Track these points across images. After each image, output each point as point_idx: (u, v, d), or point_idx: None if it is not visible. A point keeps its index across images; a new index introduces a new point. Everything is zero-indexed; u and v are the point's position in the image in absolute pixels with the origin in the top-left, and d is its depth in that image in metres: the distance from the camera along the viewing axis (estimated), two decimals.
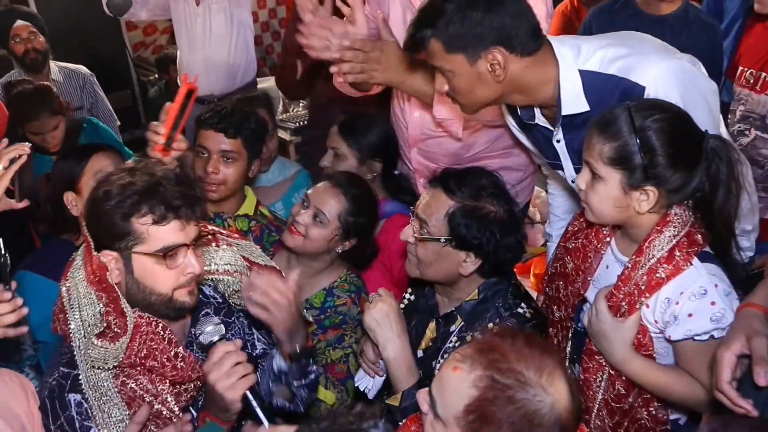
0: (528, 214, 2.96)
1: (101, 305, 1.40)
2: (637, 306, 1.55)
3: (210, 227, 1.63)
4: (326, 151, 2.46)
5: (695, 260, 1.50)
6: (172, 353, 1.44)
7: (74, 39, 4.41)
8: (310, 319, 1.86)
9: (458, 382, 1.16)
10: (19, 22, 3.56)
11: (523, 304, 1.76)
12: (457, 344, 1.69)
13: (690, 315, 1.48)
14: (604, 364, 1.65)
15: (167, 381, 1.45)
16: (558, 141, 1.80)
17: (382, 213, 2.29)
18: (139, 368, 1.43)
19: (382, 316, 1.68)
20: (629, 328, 1.56)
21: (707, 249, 1.54)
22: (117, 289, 1.40)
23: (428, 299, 1.87)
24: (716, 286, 1.48)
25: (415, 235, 1.72)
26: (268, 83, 4.35)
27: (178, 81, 4.07)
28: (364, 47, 1.99)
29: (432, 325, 1.82)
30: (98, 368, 1.39)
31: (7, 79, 3.65)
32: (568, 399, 1.14)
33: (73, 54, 3.98)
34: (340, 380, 1.95)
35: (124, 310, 1.39)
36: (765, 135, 2.28)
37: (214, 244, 1.62)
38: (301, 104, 4.33)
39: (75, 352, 1.39)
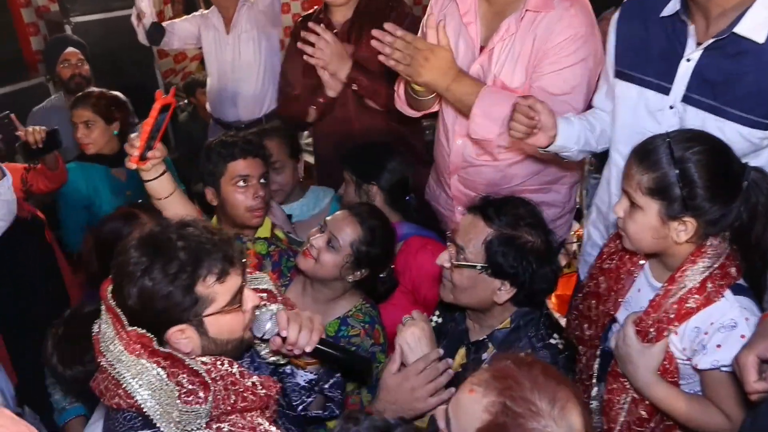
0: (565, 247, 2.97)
1: (159, 369, 1.32)
2: (665, 333, 1.56)
3: None
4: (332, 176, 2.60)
5: (727, 292, 1.51)
6: (249, 383, 1.41)
7: (108, 65, 4.55)
8: None
9: (472, 405, 1.18)
10: (70, 49, 3.80)
11: (555, 335, 1.77)
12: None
13: (718, 346, 1.49)
14: (628, 386, 1.66)
15: (256, 409, 1.43)
16: (689, 60, 1.70)
17: (398, 236, 2.32)
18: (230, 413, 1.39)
19: (414, 339, 1.67)
20: (655, 355, 1.58)
21: (741, 282, 1.54)
22: (172, 353, 1.34)
23: (458, 324, 1.88)
24: (747, 319, 1.48)
25: (452, 260, 1.74)
26: None
27: (207, 107, 4.19)
28: (416, 43, 2.04)
29: (462, 350, 1.83)
30: (190, 430, 1.33)
31: (48, 103, 3.81)
32: None
33: (107, 79, 4.11)
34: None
35: (193, 367, 1.33)
36: None
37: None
38: None
39: (155, 422, 1.30)
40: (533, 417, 1.12)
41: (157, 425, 1.30)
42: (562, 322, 1.97)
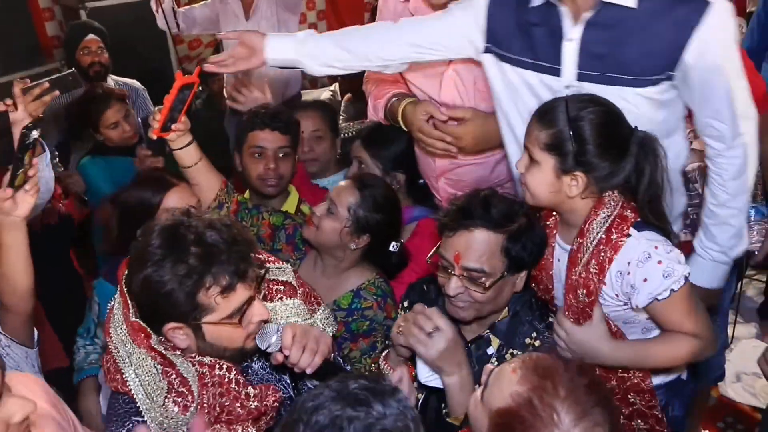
0: None
1: (156, 363, 1.35)
2: (599, 291, 1.63)
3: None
4: None
5: (632, 231, 1.61)
6: (243, 394, 1.39)
7: (123, 51, 4.52)
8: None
9: (506, 384, 1.18)
10: (91, 36, 3.74)
11: (550, 314, 1.79)
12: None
13: (645, 280, 1.57)
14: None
15: (246, 422, 1.41)
16: (570, 40, 1.77)
17: (409, 218, 2.37)
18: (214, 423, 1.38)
19: (446, 348, 1.59)
20: (599, 325, 1.66)
21: (640, 220, 1.63)
22: (166, 354, 1.36)
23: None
24: (656, 247, 1.58)
25: (465, 286, 1.67)
26: (311, 96, 4.43)
27: (224, 93, 4.17)
28: (447, 130, 2.11)
29: None
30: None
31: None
32: None
33: (122, 65, 4.10)
34: None
35: (183, 374, 1.35)
36: None
37: (268, 300, 1.58)
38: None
39: (143, 413, 1.34)
40: (550, 426, 1.10)
41: (145, 418, 1.34)
42: None
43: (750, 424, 2.98)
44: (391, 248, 2.13)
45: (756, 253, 2.30)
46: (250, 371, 1.55)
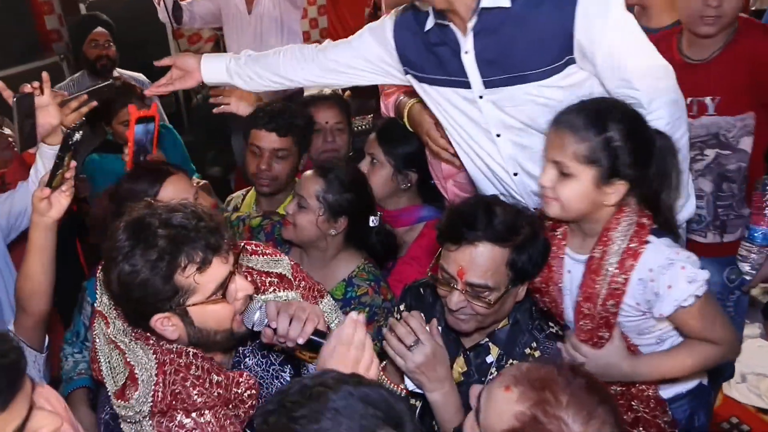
0: None
1: (118, 353, 1.38)
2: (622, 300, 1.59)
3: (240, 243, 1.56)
4: None
5: (651, 237, 1.57)
6: (207, 382, 1.37)
7: (122, 45, 4.50)
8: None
9: (504, 405, 1.14)
10: (99, 29, 3.71)
11: (550, 323, 1.75)
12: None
13: (670, 287, 1.53)
14: None
15: (215, 408, 1.38)
16: (466, 52, 1.80)
17: (418, 217, 2.39)
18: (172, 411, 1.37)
19: (425, 362, 1.57)
20: (617, 344, 1.64)
21: (655, 226, 1.61)
22: (117, 342, 1.38)
23: (446, 334, 1.75)
24: (678, 253, 1.56)
25: (468, 300, 1.63)
26: (312, 92, 4.40)
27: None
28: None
29: (460, 359, 1.76)
30: (132, 422, 1.36)
31: (71, 81, 3.75)
32: None
33: (120, 59, 4.07)
34: None
35: (131, 362, 1.36)
36: (724, 152, 2.25)
37: (261, 293, 1.56)
38: None
39: (112, 401, 1.37)
40: None
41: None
42: None
43: (755, 425, 2.96)
44: (371, 223, 2.12)
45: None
46: (243, 367, 1.53)
